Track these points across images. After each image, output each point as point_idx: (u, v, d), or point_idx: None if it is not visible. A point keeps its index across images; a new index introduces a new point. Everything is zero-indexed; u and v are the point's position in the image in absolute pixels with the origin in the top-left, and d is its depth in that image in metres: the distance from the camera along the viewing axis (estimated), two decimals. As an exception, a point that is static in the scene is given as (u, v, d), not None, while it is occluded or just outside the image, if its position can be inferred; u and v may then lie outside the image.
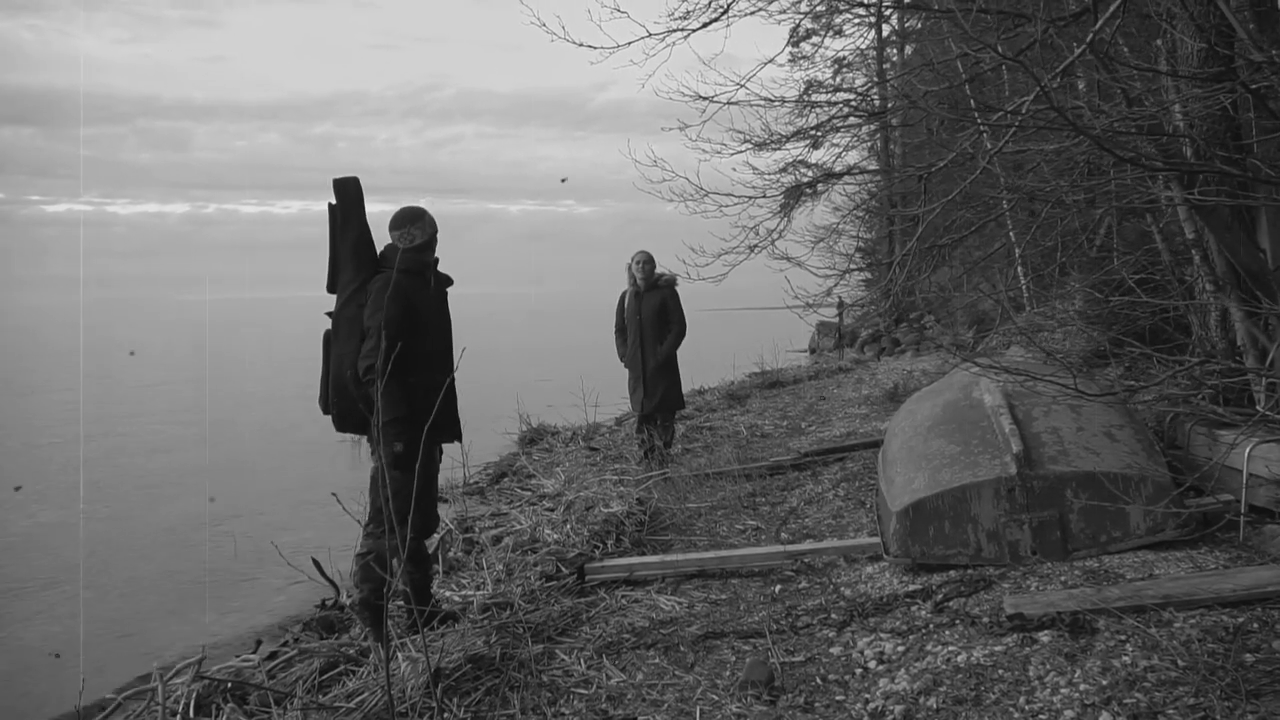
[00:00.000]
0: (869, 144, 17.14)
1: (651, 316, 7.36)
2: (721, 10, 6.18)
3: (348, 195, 4.13)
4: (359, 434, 4.24)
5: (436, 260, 4.34)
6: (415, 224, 4.24)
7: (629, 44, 6.26)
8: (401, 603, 4.28)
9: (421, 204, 4.60)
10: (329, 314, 4.18)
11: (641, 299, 7.41)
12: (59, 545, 8.24)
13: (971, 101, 8.23)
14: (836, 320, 22.33)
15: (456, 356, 4.23)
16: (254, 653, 4.57)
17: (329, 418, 4.19)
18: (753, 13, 6.36)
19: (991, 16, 4.53)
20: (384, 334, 3.78)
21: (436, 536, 5.87)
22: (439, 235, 4.33)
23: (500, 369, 21.03)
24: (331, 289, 4.19)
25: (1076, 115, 3.66)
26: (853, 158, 16.97)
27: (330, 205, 4.12)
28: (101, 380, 23.50)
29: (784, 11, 6.78)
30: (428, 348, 4.12)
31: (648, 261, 7.41)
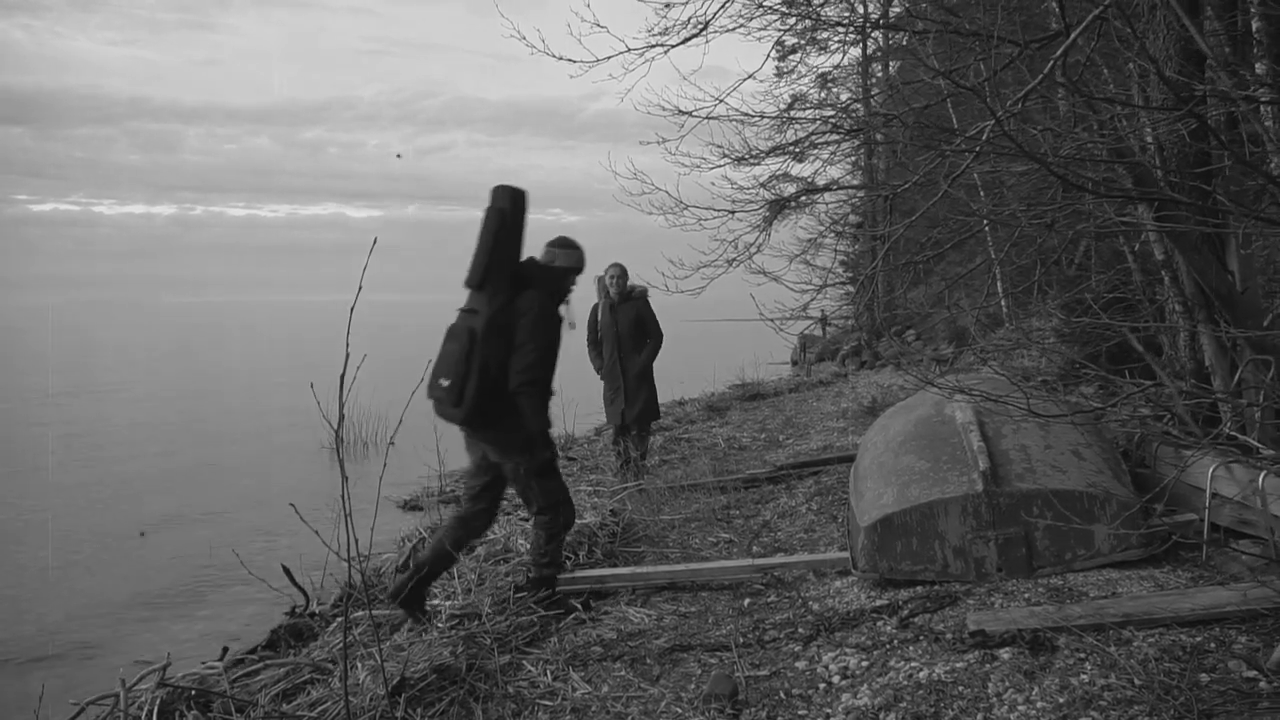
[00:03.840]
0: (852, 159, 17.26)
1: (629, 328, 7.44)
2: (701, 27, 6.23)
3: (517, 207, 4.39)
4: (476, 432, 4.41)
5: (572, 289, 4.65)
6: (563, 249, 4.60)
7: (608, 58, 6.30)
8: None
9: (410, 210, 4.90)
10: (464, 310, 4.38)
11: (616, 311, 7.49)
12: (25, 547, 8.17)
13: (953, 120, 8.32)
14: (820, 334, 22.43)
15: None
16: (220, 660, 4.54)
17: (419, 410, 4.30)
18: (733, 29, 6.41)
19: (965, 38, 4.58)
20: (546, 352, 4.29)
21: (409, 546, 5.86)
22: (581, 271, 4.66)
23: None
24: (474, 285, 4.38)
25: (1043, 138, 3.71)
26: (836, 172, 17.09)
27: (499, 210, 4.35)
28: (76, 380, 23.32)
29: (764, 29, 6.84)
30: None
31: (622, 275, 7.55)
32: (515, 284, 4.37)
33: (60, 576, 7.23)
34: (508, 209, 4.35)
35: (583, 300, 5.06)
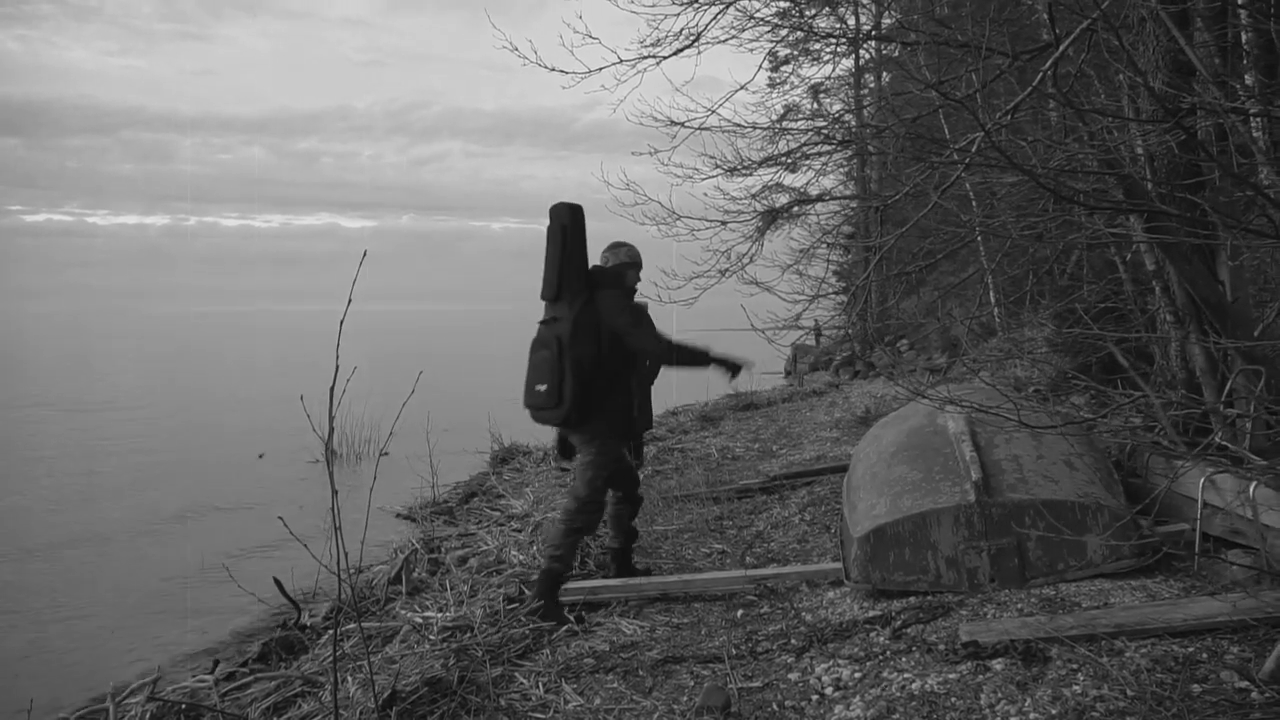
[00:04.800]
0: (845, 169, 17.30)
1: None
2: (693, 38, 6.25)
3: (577, 220, 4.76)
4: (576, 430, 4.72)
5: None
6: (618, 249, 4.96)
7: (600, 69, 6.31)
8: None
9: (404, 220, 5.09)
10: (545, 321, 4.73)
11: None
12: (14, 557, 8.13)
13: (945, 131, 8.34)
14: (813, 344, 22.43)
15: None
16: (210, 673, 4.52)
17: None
18: (724, 40, 6.43)
19: (956, 49, 4.60)
20: (649, 328, 4.89)
21: (401, 557, 5.85)
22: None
23: (476, 386, 20.97)
24: (551, 298, 4.75)
25: (1033, 149, 3.73)
26: (828, 182, 17.14)
27: (562, 225, 4.71)
28: (69, 390, 23.24)
29: (756, 40, 6.86)
30: None
31: None
32: (589, 289, 4.73)
33: (49, 588, 7.19)
34: (569, 223, 4.71)
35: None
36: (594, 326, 4.64)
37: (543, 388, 4.60)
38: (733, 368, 4.94)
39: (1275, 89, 4.13)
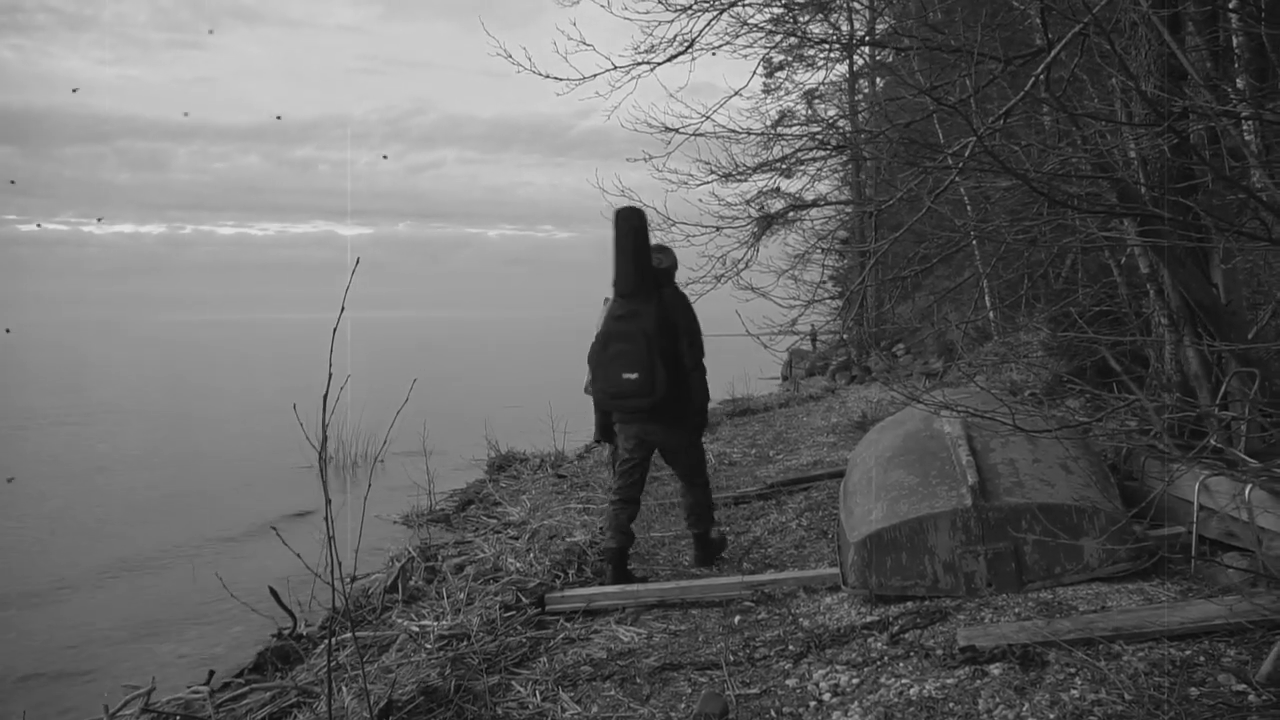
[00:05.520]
0: (840, 174, 17.32)
1: None
2: (687, 44, 6.26)
3: (644, 222, 5.22)
4: (654, 416, 5.10)
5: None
6: (663, 253, 5.34)
7: (594, 76, 6.32)
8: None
9: (401, 227, 5.31)
10: (622, 315, 5.09)
11: None
12: (6, 570, 8.10)
13: (939, 136, 8.36)
14: (809, 349, 22.44)
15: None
16: (205, 683, 4.50)
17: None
18: (719, 46, 6.44)
19: (950, 54, 4.62)
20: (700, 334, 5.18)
21: (397, 565, 5.83)
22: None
23: (473, 393, 20.95)
24: (627, 293, 5.13)
25: (1027, 153, 3.73)
26: (823, 187, 17.16)
27: (634, 228, 5.12)
28: (66, 399, 23.17)
29: (750, 46, 6.87)
30: None
31: None
32: (657, 286, 5.14)
33: (44, 600, 7.16)
34: (639, 225, 5.15)
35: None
36: (671, 322, 5.06)
37: (633, 376, 4.97)
38: (703, 422, 5.40)
39: (1266, 92, 4.15)
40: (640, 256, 5.09)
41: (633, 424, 5.20)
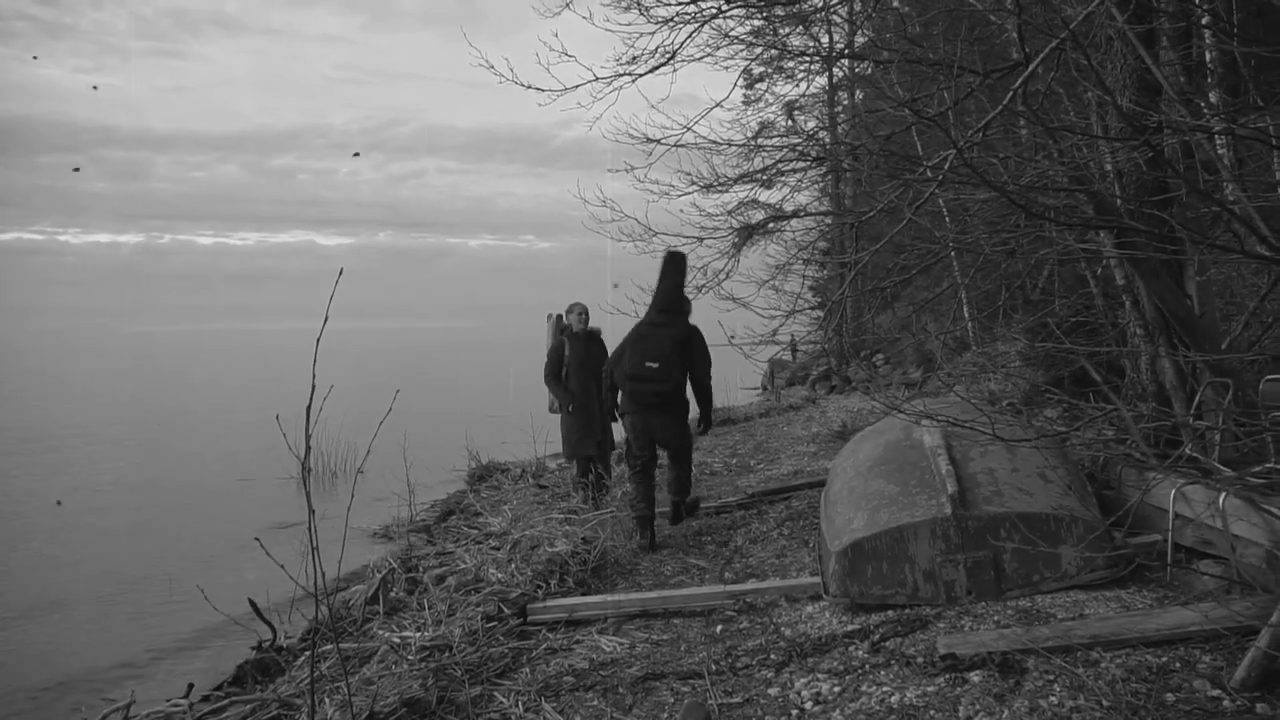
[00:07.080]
0: (820, 185, 17.42)
1: (600, 363, 7.51)
2: (668, 56, 6.30)
3: (685, 263, 6.72)
4: (664, 408, 6.20)
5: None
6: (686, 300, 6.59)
7: (576, 87, 6.34)
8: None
9: (381, 237, 5.55)
10: (656, 324, 6.23)
11: (588, 347, 7.53)
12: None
13: (918, 148, 8.44)
14: (789, 359, 22.52)
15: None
16: (185, 697, 4.47)
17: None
18: (700, 58, 6.49)
19: (929, 67, 4.67)
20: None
21: (378, 577, 5.81)
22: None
23: (454, 403, 20.88)
24: (663, 309, 6.28)
25: (1004, 166, 3.78)
26: (804, 198, 17.26)
27: (680, 267, 6.51)
28: (38, 411, 22.91)
29: (731, 58, 6.92)
30: None
31: (584, 312, 7.62)
32: (684, 313, 6.35)
33: (23, 615, 7.07)
34: (681, 265, 6.55)
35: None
36: (687, 341, 6.17)
37: (655, 365, 6.07)
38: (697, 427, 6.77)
39: (1239, 107, 4.22)
40: (678, 285, 6.37)
41: (640, 415, 6.19)
